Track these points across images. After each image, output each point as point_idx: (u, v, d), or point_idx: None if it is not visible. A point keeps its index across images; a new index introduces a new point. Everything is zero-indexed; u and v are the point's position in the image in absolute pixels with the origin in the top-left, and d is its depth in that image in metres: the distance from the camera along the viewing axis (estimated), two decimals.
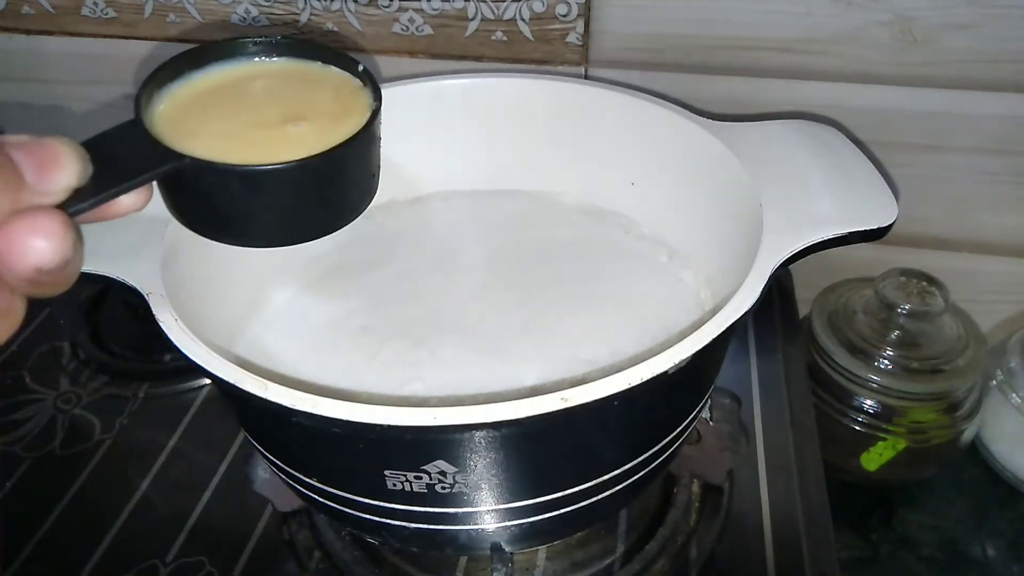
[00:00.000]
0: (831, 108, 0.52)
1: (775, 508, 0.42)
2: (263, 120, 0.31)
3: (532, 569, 0.40)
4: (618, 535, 0.41)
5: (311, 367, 0.38)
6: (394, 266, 0.45)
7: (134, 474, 0.45)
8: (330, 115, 0.31)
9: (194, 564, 0.40)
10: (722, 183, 0.40)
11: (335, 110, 0.32)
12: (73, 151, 0.23)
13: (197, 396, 0.50)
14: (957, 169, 0.53)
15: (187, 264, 0.36)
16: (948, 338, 0.51)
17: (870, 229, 0.34)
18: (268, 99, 0.32)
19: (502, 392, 0.36)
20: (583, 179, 0.48)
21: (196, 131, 0.29)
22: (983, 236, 0.55)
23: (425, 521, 0.32)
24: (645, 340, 0.38)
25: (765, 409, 0.47)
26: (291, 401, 0.26)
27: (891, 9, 0.47)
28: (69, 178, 0.23)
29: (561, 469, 0.32)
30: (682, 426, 0.35)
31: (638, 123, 0.44)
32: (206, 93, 0.32)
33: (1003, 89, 0.49)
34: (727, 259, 0.38)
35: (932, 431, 0.51)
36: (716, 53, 0.51)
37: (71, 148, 0.23)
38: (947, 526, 0.52)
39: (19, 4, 0.58)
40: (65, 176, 0.23)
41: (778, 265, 0.32)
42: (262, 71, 0.33)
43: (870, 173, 0.38)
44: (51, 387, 0.51)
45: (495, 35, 0.53)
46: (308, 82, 0.33)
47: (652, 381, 0.27)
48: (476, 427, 0.26)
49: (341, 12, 0.54)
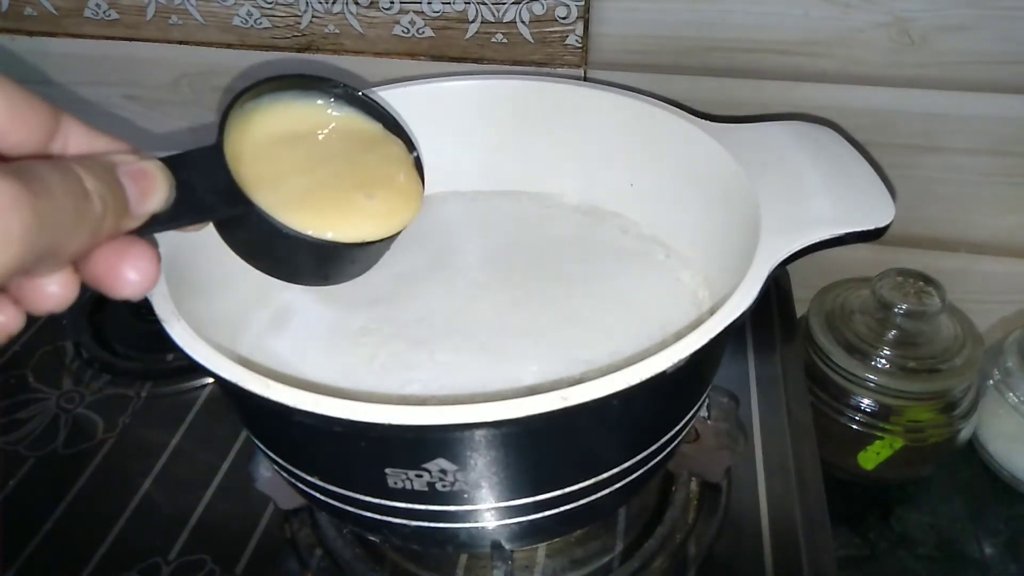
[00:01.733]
0: (829, 109, 0.52)
1: (773, 506, 0.42)
2: (338, 183, 0.32)
3: (532, 566, 0.40)
4: (617, 533, 0.41)
5: (312, 367, 0.38)
6: (394, 267, 0.45)
7: (136, 473, 0.45)
8: (399, 193, 0.33)
9: (196, 562, 0.40)
10: (720, 184, 0.40)
11: (403, 189, 0.33)
12: (165, 179, 0.24)
13: (199, 395, 0.50)
14: (954, 170, 0.53)
15: (190, 264, 0.36)
16: (945, 338, 0.52)
17: (867, 229, 0.34)
18: (344, 161, 0.33)
19: (501, 392, 0.36)
20: (582, 180, 0.48)
21: (274, 182, 0.30)
22: (980, 236, 0.56)
23: (426, 519, 0.33)
24: (643, 340, 0.39)
25: (763, 408, 0.47)
26: (293, 400, 0.27)
27: (888, 11, 0.47)
28: (158, 205, 0.23)
29: (561, 467, 0.32)
30: (680, 425, 0.35)
31: (637, 124, 0.44)
32: (284, 137, 0.32)
33: (1000, 90, 0.49)
34: (725, 259, 0.38)
35: (929, 430, 0.52)
36: (714, 55, 0.51)
37: (164, 175, 0.24)
38: (944, 524, 0.52)
39: (22, 5, 0.58)
40: (156, 203, 0.23)
41: (776, 265, 0.32)
42: (334, 122, 0.34)
43: (867, 174, 0.38)
44: (54, 386, 0.51)
45: (495, 37, 0.53)
46: (378, 148, 0.34)
47: (651, 380, 0.27)
48: (477, 426, 0.26)
49: (342, 14, 0.54)
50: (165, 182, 0.23)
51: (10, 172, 0.17)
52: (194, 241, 0.37)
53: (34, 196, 0.18)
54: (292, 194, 0.30)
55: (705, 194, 0.41)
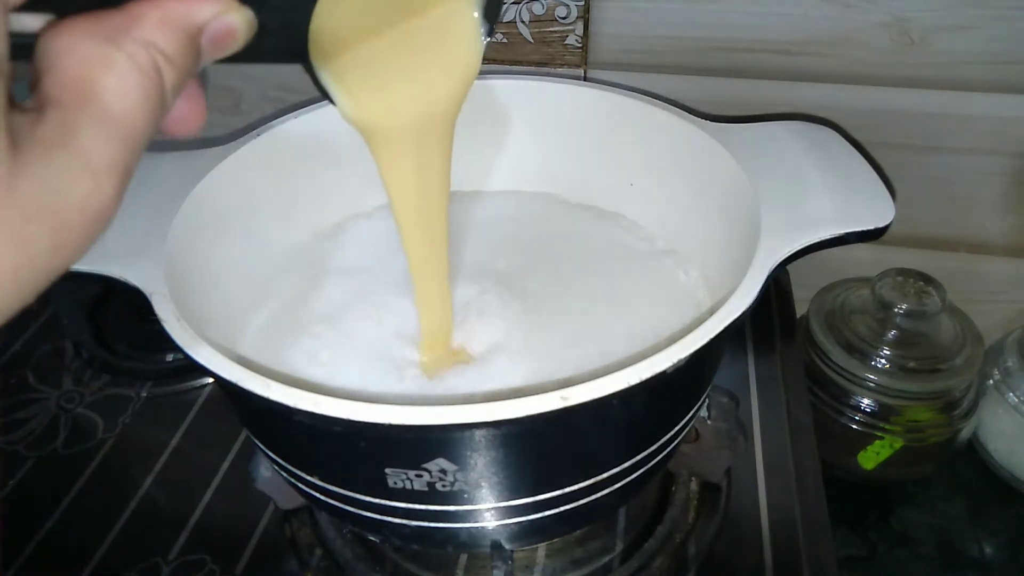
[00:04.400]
0: (829, 109, 0.52)
1: (773, 506, 0.42)
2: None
3: (532, 566, 0.40)
4: (617, 533, 0.41)
5: (312, 366, 0.38)
6: (393, 266, 0.45)
7: (136, 473, 0.45)
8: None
9: (196, 562, 0.40)
10: (720, 184, 0.40)
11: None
12: (245, 36, 0.21)
13: (199, 395, 0.50)
14: (954, 170, 0.53)
15: (189, 264, 0.36)
16: (945, 337, 0.52)
17: (867, 229, 0.34)
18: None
19: (499, 391, 0.36)
20: (582, 179, 0.48)
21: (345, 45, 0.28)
22: (980, 236, 0.56)
23: (426, 519, 0.33)
24: (643, 340, 0.39)
25: (763, 408, 0.47)
26: (293, 400, 0.27)
27: (888, 11, 0.47)
28: (223, 56, 0.21)
29: (561, 467, 0.32)
30: (680, 424, 0.35)
31: (637, 124, 0.44)
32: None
33: (1000, 90, 0.49)
34: (725, 259, 0.38)
35: (929, 430, 0.52)
36: (714, 55, 0.51)
37: (246, 31, 0.21)
38: (944, 524, 0.53)
39: None
40: (222, 55, 0.21)
41: (776, 265, 0.32)
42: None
43: (867, 174, 0.38)
44: (54, 386, 0.51)
45: (495, 37, 0.53)
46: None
47: (651, 380, 0.27)
48: (477, 426, 0.26)
49: None
50: (243, 38, 0.21)
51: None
52: (194, 243, 0.37)
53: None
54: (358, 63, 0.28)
55: (705, 194, 0.41)
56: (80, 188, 0.16)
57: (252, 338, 0.41)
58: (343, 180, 0.48)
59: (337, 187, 0.48)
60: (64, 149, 0.16)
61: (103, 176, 0.17)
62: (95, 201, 0.17)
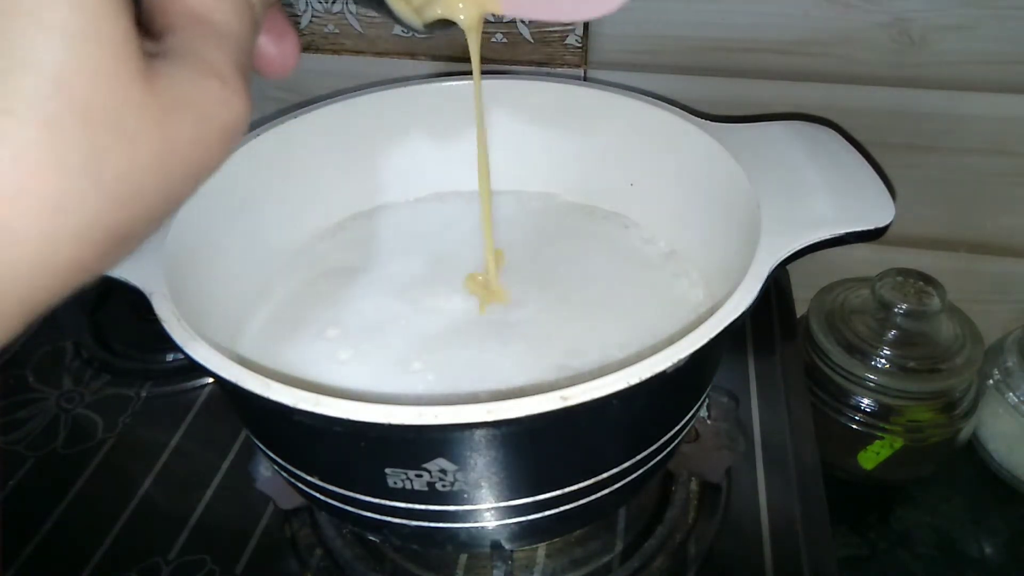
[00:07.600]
0: (828, 109, 0.52)
1: (773, 506, 0.42)
2: None
3: (532, 566, 0.40)
4: (617, 533, 0.41)
5: (311, 366, 0.38)
6: (393, 266, 0.45)
7: (136, 473, 0.45)
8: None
9: (196, 562, 0.40)
10: (720, 184, 0.40)
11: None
12: None
13: (199, 395, 0.50)
14: (954, 170, 0.53)
15: (189, 264, 0.36)
16: (945, 337, 0.52)
17: (867, 229, 0.34)
18: None
19: (499, 391, 0.36)
20: (582, 179, 0.48)
21: None
22: (980, 236, 0.56)
23: (426, 519, 0.33)
24: (642, 339, 0.39)
25: (763, 408, 0.47)
26: (293, 400, 0.27)
27: (888, 11, 0.47)
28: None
29: (561, 467, 0.32)
30: (680, 424, 0.35)
31: (637, 124, 0.44)
32: None
33: (1000, 90, 0.49)
34: (725, 259, 0.38)
35: (929, 430, 0.52)
36: (714, 55, 0.51)
37: None
38: (944, 524, 0.53)
39: None
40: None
41: (776, 265, 0.32)
42: None
43: (867, 174, 0.38)
44: (54, 386, 0.51)
45: (495, 37, 0.53)
46: None
47: (651, 380, 0.27)
48: (477, 426, 0.26)
49: (342, 14, 0.54)
50: None
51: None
52: (194, 243, 0.37)
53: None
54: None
55: (705, 194, 0.41)
56: (212, 85, 0.17)
57: (252, 338, 0.41)
58: (343, 180, 0.48)
59: (337, 187, 0.48)
60: (190, 58, 0.17)
61: (230, 77, 0.18)
62: (228, 96, 0.18)
